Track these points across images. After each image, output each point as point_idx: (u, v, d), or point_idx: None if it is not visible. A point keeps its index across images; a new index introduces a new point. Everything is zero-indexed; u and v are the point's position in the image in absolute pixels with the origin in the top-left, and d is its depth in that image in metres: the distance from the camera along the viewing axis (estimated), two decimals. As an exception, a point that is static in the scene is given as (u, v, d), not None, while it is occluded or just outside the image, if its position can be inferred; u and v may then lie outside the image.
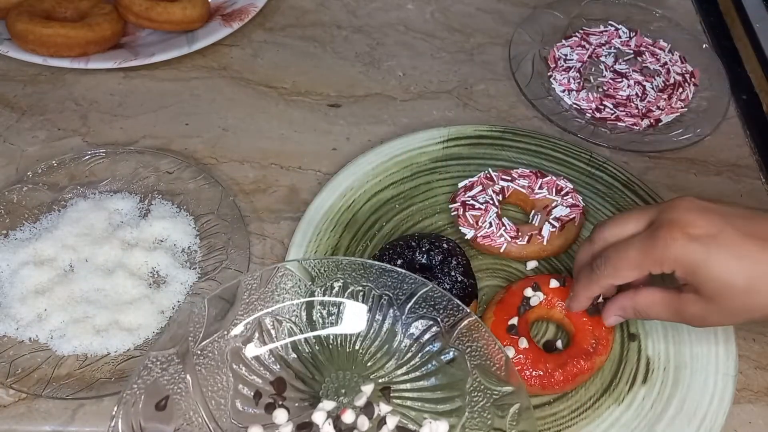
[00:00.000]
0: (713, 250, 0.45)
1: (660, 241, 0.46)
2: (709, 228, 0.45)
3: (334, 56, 0.79)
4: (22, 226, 0.61)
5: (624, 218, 0.50)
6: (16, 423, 0.52)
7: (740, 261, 0.45)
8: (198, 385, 0.49)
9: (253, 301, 0.52)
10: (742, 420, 0.55)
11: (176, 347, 0.49)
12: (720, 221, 0.46)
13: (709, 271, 0.45)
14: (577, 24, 0.83)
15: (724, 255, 0.45)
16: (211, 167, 0.68)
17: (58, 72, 0.75)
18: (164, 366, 0.49)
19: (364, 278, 0.54)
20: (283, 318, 0.53)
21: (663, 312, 0.50)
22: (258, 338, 0.52)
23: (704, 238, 0.45)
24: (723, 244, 0.45)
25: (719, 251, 0.45)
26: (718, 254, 0.45)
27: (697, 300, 0.47)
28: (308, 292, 0.53)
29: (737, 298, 0.46)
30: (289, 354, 0.53)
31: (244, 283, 0.52)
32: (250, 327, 0.52)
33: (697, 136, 0.73)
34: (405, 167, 0.68)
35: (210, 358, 0.50)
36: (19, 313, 0.56)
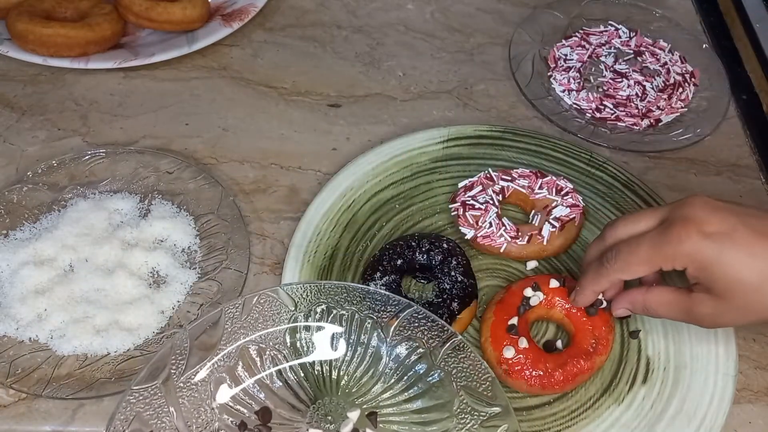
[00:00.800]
0: (726, 248, 0.45)
1: (673, 237, 0.46)
2: (722, 225, 0.45)
3: (334, 56, 0.79)
4: (22, 226, 0.61)
5: (636, 216, 0.50)
6: (16, 423, 0.52)
7: (753, 259, 0.45)
8: (182, 418, 0.49)
9: (236, 329, 0.51)
10: (742, 420, 0.55)
11: (158, 380, 0.48)
12: (733, 219, 0.46)
13: (721, 269, 0.45)
14: (577, 24, 0.83)
15: (737, 253, 0.45)
16: (211, 167, 0.68)
17: (58, 72, 0.75)
18: (147, 400, 0.48)
19: (346, 302, 0.53)
20: (267, 346, 0.52)
21: (673, 311, 0.50)
22: (242, 367, 0.51)
23: (717, 235, 0.45)
24: (736, 242, 0.45)
25: (732, 249, 0.45)
26: (731, 252, 0.45)
27: (708, 299, 0.47)
28: (291, 318, 0.53)
29: (749, 296, 0.45)
30: (274, 382, 0.52)
31: (226, 312, 0.51)
32: (233, 356, 0.51)
33: (697, 136, 0.73)
34: (405, 167, 0.68)
35: (193, 390, 0.50)
36: (19, 313, 0.56)
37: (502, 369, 0.54)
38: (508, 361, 0.53)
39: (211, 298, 0.58)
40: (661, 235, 0.47)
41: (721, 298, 0.46)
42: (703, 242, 0.45)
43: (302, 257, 0.60)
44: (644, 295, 0.51)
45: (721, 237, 0.45)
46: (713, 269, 0.46)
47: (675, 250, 0.46)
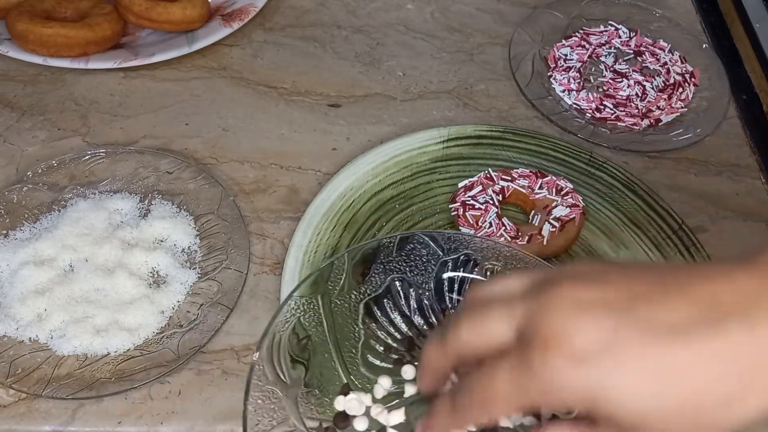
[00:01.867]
0: (611, 371, 0.30)
1: (535, 372, 0.32)
2: (596, 336, 0.31)
3: (334, 56, 0.79)
4: (22, 226, 0.61)
5: (482, 316, 0.35)
6: (16, 423, 0.52)
7: (656, 377, 0.30)
8: (333, 331, 0.51)
9: (389, 262, 0.54)
10: (742, 420, 0.55)
11: (318, 292, 0.52)
12: (611, 319, 0.31)
13: (615, 402, 0.31)
14: (577, 24, 0.83)
15: (630, 374, 0.30)
16: (211, 167, 0.68)
17: (58, 72, 0.75)
18: (306, 307, 0.51)
19: (493, 257, 0.55)
20: (413, 283, 0.54)
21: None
22: (388, 299, 0.54)
23: (593, 356, 0.30)
24: (623, 357, 0.30)
25: (621, 369, 0.30)
26: (620, 375, 0.30)
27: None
28: (440, 263, 0.55)
29: (671, 424, 0.31)
30: (415, 315, 0.54)
31: (383, 244, 0.54)
32: (383, 286, 0.54)
33: (697, 136, 0.73)
34: (405, 167, 0.68)
35: (345, 308, 0.53)
36: (19, 313, 0.56)
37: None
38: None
39: (211, 298, 0.58)
40: (521, 368, 0.32)
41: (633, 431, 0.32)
42: (576, 372, 0.31)
43: (302, 257, 0.60)
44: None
45: (598, 357, 0.30)
46: (605, 405, 0.31)
47: (542, 390, 0.32)
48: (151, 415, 0.53)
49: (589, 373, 0.31)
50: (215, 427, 0.53)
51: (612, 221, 0.65)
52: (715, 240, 0.65)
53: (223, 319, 0.57)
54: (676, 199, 0.68)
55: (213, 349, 0.57)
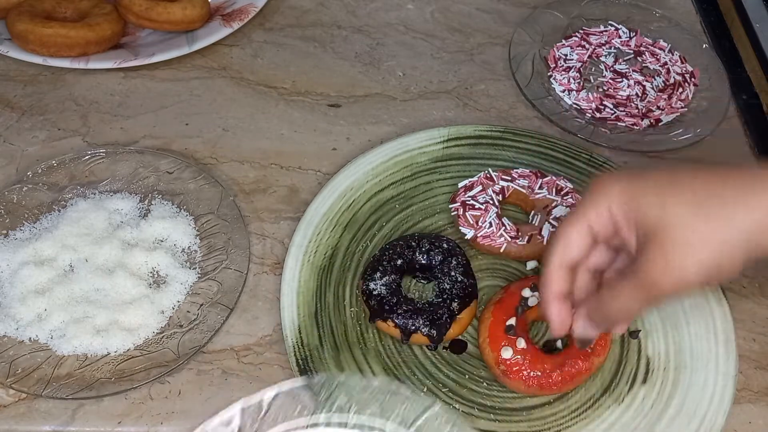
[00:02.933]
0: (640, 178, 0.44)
1: (589, 190, 0.45)
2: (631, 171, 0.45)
3: (334, 56, 0.79)
4: (22, 226, 0.61)
5: (565, 235, 0.46)
6: (16, 423, 0.52)
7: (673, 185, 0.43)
8: None
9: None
10: (742, 420, 0.55)
11: None
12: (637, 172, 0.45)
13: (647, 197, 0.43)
14: (577, 24, 0.83)
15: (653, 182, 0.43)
16: (211, 167, 0.68)
17: (58, 72, 0.75)
18: None
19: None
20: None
21: (632, 295, 0.44)
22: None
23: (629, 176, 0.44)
24: (647, 178, 0.44)
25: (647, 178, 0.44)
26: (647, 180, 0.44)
27: (654, 252, 0.42)
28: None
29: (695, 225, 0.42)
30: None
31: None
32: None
33: (697, 136, 0.73)
34: (405, 167, 0.68)
35: None
36: (19, 313, 0.56)
37: (500, 370, 0.54)
38: (506, 361, 0.53)
39: (211, 298, 0.58)
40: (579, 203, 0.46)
41: (662, 243, 0.42)
42: (618, 179, 0.44)
43: (302, 257, 0.60)
44: (597, 297, 0.46)
45: (634, 175, 0.44)
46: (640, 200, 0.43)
47: (592, 195, 0.45)
48: (151, 415, 0.53)
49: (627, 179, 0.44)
50: (215, 427, 0.53)
51: (612, 221, 0.65)
52: (715, 240, 0.65)
53: (223, 319, 0.57)
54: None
55: (213, 349, 0.57)
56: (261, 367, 0.56)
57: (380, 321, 0.56)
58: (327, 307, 0.58)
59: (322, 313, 0.58)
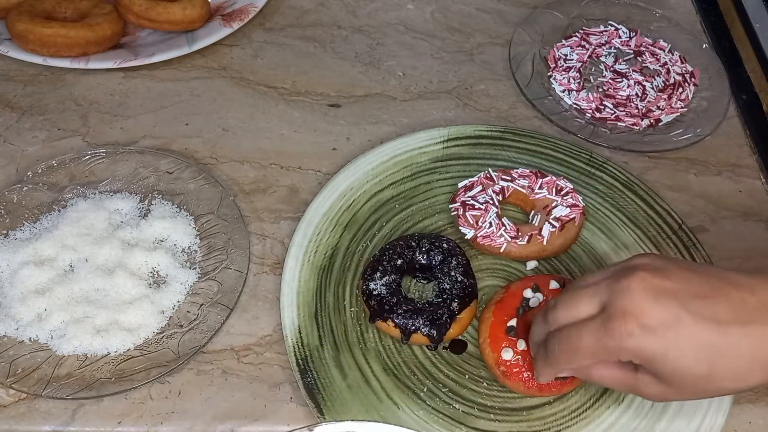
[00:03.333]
0: (671, 342, 0.42)
1: (615, 333, 0.43)
2: (664, 316, 0.43)
3: (334, 56, 0.79)
4: (22, 226, 0.61)
5: (575, 299, 0.47)
6: (16, 423, 0.52)
7: (700, 351, 0.43)
8: None
9: None
10: (742, 420, 0.55)
11: None
12: (675, 306, 0.43)
13: (667, 363, 0.43)
14: (577, 24, 0.83)
15: (683, 346, 0.42)
16: (211, 167, 0.68)
17: (58, 72, 0.75)
18: None
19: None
20: None
21: (618, 386, 0.48)
22: None
23: (660, 329, 0.42)
24: (681, 334, 0.42)
25: (678, 342, 0.42)
26: (676, 346, 0.42)
27: (654, 383, 0.45)
28: None
29: (697, 385, 0.44)
30: None
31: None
32: None
33: (697, 136, 0.73)
34: (405, 167, 0.68)
35: None
36: (19, 313, 0.56)
37: (500, 371, 0.54)
38: (506, 362, 0.53)
39: (211, 298, 0.58)
40: (601, 330, 0.44)
41: (668, 384, 0.44)
42: (646, 339, 0.42)
43: (302, 257, 0.60)
44: (588, 369, 0.47)
45: (664, 330, 0.42)
46: (659, 364, 0.43)
47: (617, 345, 0.43)
48: (151, 415, 0.53)
49: (655, 342, 0.42)
50: (215, 427, 0.53)
51: (612, 221, 0.65)
52: (715, 240, 0.66)
53: (223, 319, 0.57)
54: (676, 199, 0.68)
55: (213, 349, 0.57)
56: (261, 367, 0.56)
57: (380, 321, 0.56)
58: (327, 307, 0.58)
59: (322, 313, 0.58)
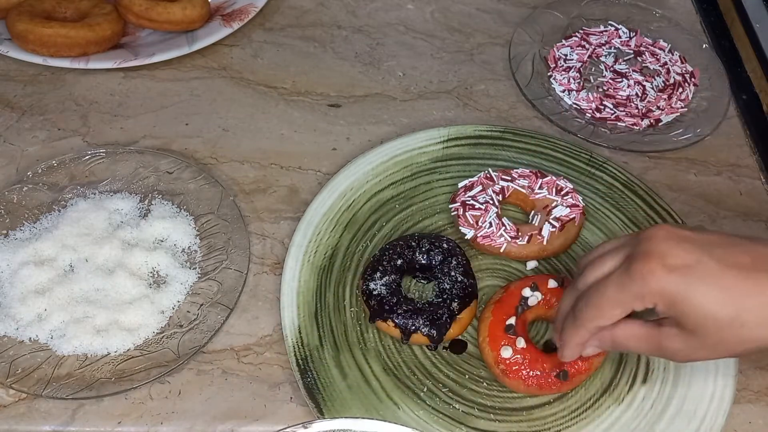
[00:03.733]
0: (693, 282, 0.42)
1: (636, 275, 0.43)
2: (686, 258, 0.43)
3: (334, 56, 0.79)
4: (22, 226, 0.61)
5: (601, 258, 0.47)
6: (16, 423, 0.52)
7: (723, 292, 0.42)
8: None
9: None
10: (742, 420, 0.55)
11: None
12: (697, 251, 0.43)
13: (690, 303, 0.43)
14: (577, 24, 0.83)
15: (706, 286, 0.42)
16: (211, 167, 0.68)
17: (58, 72, 0.75)
18: None
19: None
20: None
21: (643, 346, 0.47)
22: None
23: (682, 268, 0.43)
24: (703, 275, 0.42)
25: (700, 282, 0.42)
26: (699, 286, 0.42)
27: (678, 334, 0.45)
28: None
29: (722, 332, 0.43)
30: None
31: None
32: None
33: (697, 136, 0.73)
34: (405, 167, 0.68)
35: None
36: (19, 313, 0.56)
37: (500, 369, 0.54)
38: (505, 361, 0.53)
39: (211, 298, 0.58)
40: (625, 275, 0.44)
41: (692, 333, 0.44)
42: (667, 277, 0.43)
43: (302, 257, 0.60)
44: (612, 331, 0.47)
45: (686, 270, 0.42)
46: (682, 305, 0.43)
47: (640, 288, 0.43)
48: (151, 415, 0.53)
49: (677, 280, 0.42)
50: (215, 427, 0.53)
51: (612, 221, 0.65)
52: (715, 240, 0.65)
53: (223, 319, 0.57)
54: (676, 199, 0.68)
55: (213, 349, 0.57)
56: (261, 367, 0.56)
57: (380, 321, 0.56)
58: (327, 307, 0.58)
59: (322, 313, 0.58)
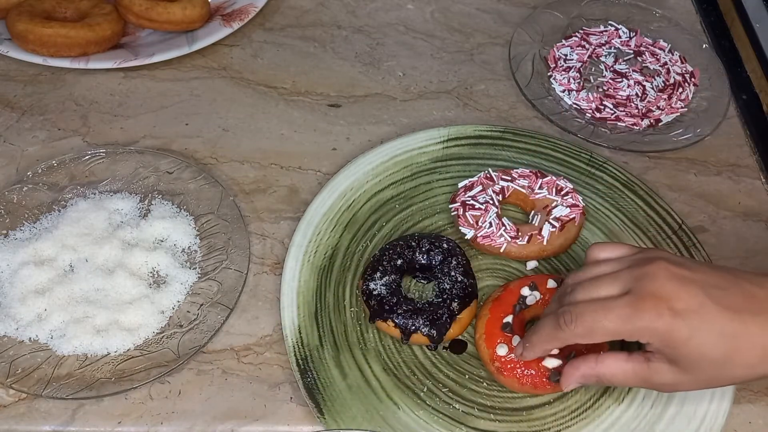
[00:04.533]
0: (696, 327, 0.44)
1: (645, 314, 0.45)
2: (690, 302, 0.45)
3: (334, 56, 0.79)
4: (22, 226, 0.61)
5: (595, 283, 0.48)
6: (16, 423, 0.52)
7: (720, 336, 0.44)
8: None
9: None
10: (742, 420, 0.55)
11: None
12: (700, 293, 0.45)
13: (690, 347, 0.45)
14: (577, 24, 0.83)
15: (707, 331, 0.44)
16: (211, 167, 0.68)
17: (58, 72, 0.75)
18: None
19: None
20: None
21: (630, 381, 0.48)
22: None
23: (687, 313, 0.45)
24: (705, 320, 0.45)
25: (702, 327, 0.44)
26: (700, 331, 0.44)
27: (668, 370, 0.46)
28: None
29: (713, 370, 0.46)
30: None
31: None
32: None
33: (697, 136, 0.73)
34: (405, 167, 0.68)
35: None
36: (19, 313, 0.56)
37: (495, 367, 0.54)
38: (501, 358, 0.53)
39: (211, 298, 0.58)
40: (633, 309, 0.45)
41: (685, 372, 0.46)
42: (674, 321, 0.44)
43: (302, 257, 0.60)
44: (596, 367, 0.49)
45: (691, 315, 0.44)
46: (683, 348, 0.45)
47: (646, 325, 0.45)
48: (151, 415, 0.53)
49: (683, 325, 0.44)
50: (215, 427, 0.53)
51: (612, 221, 0.65)
52: (714, 240, 0.66)
53: (223, 319, 0.57)
54: (676, 199, 0.68)
55: (213, 349, 0.57)
56: (261, 367, 0.56)
57: (380, 321, 0.56)
58: (327, 307, 0.58)
59: (322, 313, 0.58)
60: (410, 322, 0.55)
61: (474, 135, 0.70)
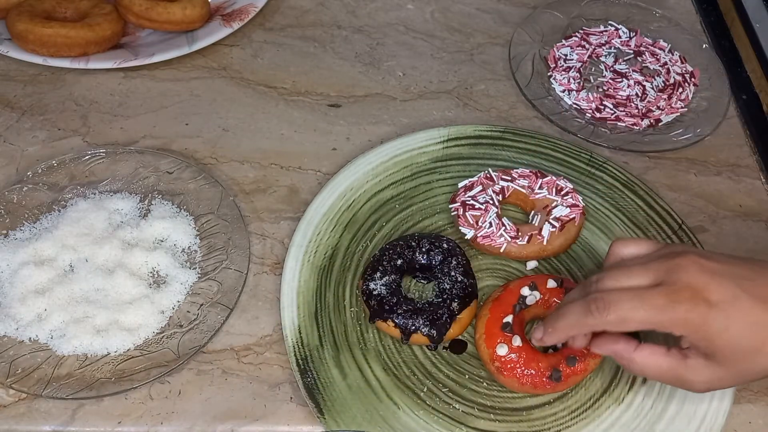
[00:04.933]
0: (732, 318, 0.44)
1: (681, 305, 0.45)
2: (724, 294, 0.45)
3: (334, 56, 0.79)
4: (22, 226, 0.61)
5: (626, 272, 0.48)
6: (16, 423, 0.52)
7: (754, 326, 0.45)
8: None
9: None
10: (742, 420, 0.55)
11: None
12: (732, 285, 0.45)
13: (725, 338, 0.45)
14: (577, 24, 0.83)
15: (741, 322, 0.44)
16: (211, 167, 0.68)
17: (58, 72, 0.75)
18: None
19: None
20: None
21: (662, 376, 0.48)
22: None
23: (722, 304, 0.45)
24: (739, 310, 0.45)
25: (737, 319, 0.44)
26: (736, 322, 0.44)
27: (705, 366, 0.46)
28: None
29: (745, 362, 0.45)
30: None
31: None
32: None
33: (697, 136, 0.73)
34: (405, 167, 0.68)
35: None
36: (19, 313, 0.56)
37: (495, 366, 0.54)
38: (500, 358, 0.53)
39: (211, 298, 0.58)
40: (669, 300, 0.45)
41: (720, 365, 0.46)
42: (710, 312, 0.44)
43: (302, 257, 0.60)
44: (632, 351, 0.49)
45: (725, 306, 0.45)
46: (718, 340, 0.45)
47: (683, 317, 0.45)
48: (151, 415, 0.53)
49: (719, 317, 0.44)
50: (215, 427, 0.53)
51: (612, 221, 0.65)
52: (714, 240, 0.66)
53: (223, 319, 0.57)
54: (676, 199, 0.68)
55: (213, 349, 0.57)
56: (261, 367, 0.56)
57: (380, 321, 0.56)
58: (327, 307, 0.58)
59: (322, 313, 0.58)
60: (410, 322, 0.55)
61: (474, 135, 0.70)
